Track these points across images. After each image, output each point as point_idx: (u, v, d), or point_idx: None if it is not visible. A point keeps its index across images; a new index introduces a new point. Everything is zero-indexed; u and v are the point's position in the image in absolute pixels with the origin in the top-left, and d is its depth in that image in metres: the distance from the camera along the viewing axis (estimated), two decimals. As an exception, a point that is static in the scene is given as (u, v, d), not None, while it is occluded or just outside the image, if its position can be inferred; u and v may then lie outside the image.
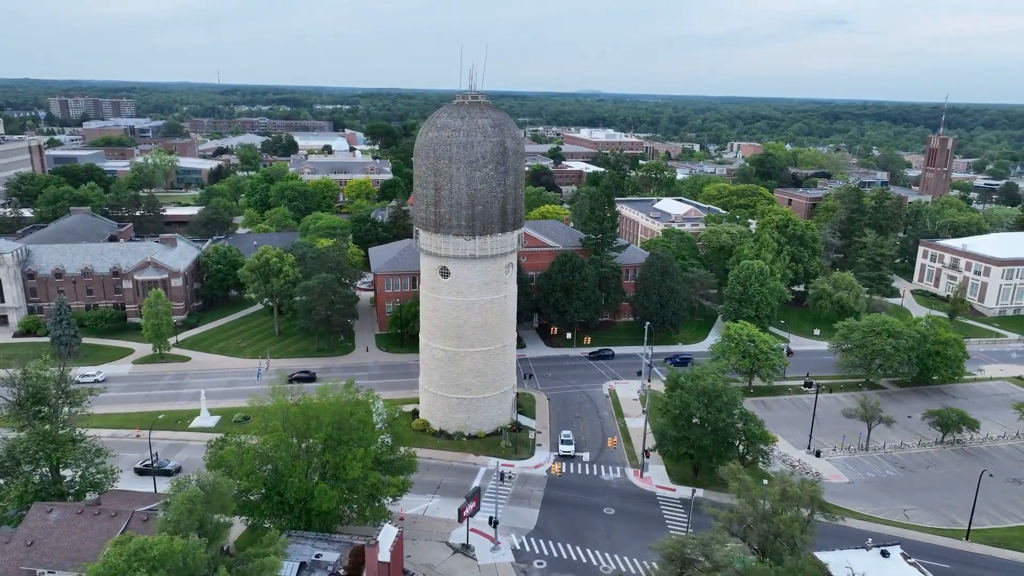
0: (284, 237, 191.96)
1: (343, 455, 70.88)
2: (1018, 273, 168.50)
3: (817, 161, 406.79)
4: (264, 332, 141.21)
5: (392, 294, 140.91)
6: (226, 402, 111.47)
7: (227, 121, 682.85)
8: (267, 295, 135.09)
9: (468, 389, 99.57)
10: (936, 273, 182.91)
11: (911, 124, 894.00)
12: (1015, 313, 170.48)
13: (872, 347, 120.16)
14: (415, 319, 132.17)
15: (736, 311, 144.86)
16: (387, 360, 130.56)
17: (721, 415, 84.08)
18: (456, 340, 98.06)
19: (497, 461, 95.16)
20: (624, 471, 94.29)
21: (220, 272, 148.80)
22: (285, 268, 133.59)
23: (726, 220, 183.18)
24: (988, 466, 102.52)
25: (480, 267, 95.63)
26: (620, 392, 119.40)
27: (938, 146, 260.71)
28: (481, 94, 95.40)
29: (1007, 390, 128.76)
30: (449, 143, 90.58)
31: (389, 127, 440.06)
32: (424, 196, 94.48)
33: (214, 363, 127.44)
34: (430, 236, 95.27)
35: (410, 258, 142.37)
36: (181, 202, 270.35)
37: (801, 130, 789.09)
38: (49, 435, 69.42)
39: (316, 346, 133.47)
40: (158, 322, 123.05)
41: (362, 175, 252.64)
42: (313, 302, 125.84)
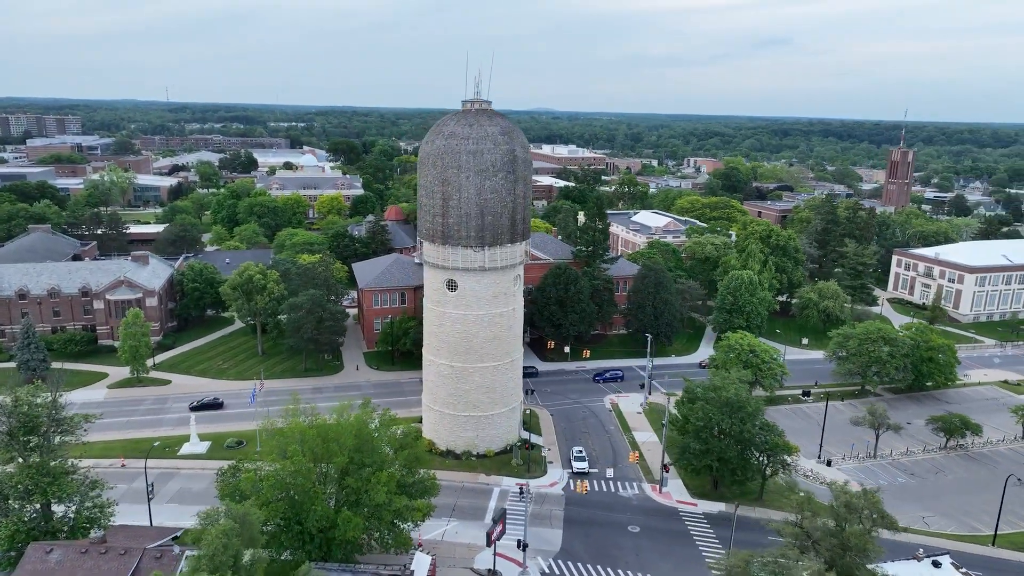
0: (257, 254, 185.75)
1: (366, 479, 66.74)
2: (990, 280, 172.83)
3: (776, 175, 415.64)
4: (247, 352, 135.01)
5: (381, 310, 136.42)
6: (215, 427, 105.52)
7: (179, 139, 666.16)
8: (251, 313, 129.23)
9: (477, 406, 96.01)
10: (911, 281, 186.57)
11: (856, 140, 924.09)
12: (988, 319, 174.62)
13: (869, 354, 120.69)
14: (406, 336, 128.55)
15: (727, 321, 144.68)
16: (379, 378, 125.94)
17: (746, 426, 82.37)
18: (464, 355, 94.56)
19: (511, 480, 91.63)
20: (641, 486, 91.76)
21: (197, 290, 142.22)
22: (269, 285, 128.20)
23: (708, 232, 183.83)
24: (992, 470, 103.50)
25: (489, 279, 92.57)
26: (623, 406, 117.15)
27: (899, 159, 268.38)
28: (487, 102, 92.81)
29: (996, 394, 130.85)
30: (458, 151, 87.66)
31: (352, 143, 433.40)
32: (430, 206, 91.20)
33: (196, 386, 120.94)
34: (436, 248, 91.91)
35: (398, 273, 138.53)
36: (141, 220, 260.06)
37: (753, 146, 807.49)
38: (43, 467, 63.52)
39: (303, 366, 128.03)
40: (136, 344, 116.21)
41: (333, 191, 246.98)
42: (301, 319, 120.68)
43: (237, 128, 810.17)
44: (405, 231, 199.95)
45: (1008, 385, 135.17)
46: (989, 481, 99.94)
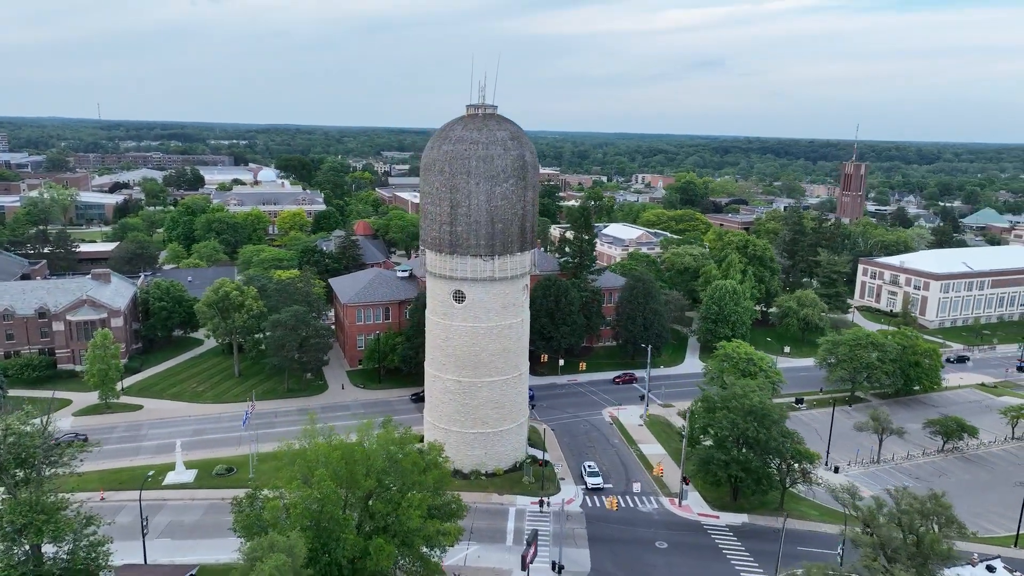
0: (220, 272, 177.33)
1: (395, 503, 62.14)
2: (953, 287, 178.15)
3: (726, 190, 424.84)
4: (222, 374, 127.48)
5: (364, 327, 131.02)
6: (198, 453, 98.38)
7: (115, 156, 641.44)
8: (228, 332, 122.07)
9: (486, 422, 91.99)
10: (877, 289, 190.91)
11: (793, 157, 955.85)
12: (952, 325, 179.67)
13: (860, 360, 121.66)
14: (394, 352, 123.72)
15: (712, 331, 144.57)
16: (367, 397, 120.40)
17: (772, 433, 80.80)
18: (472, 370, 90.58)
19: (526, 499, 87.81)
20: (659, 500, 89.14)
21: (164, 310, 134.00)
22: (248, 302, 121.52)
23: (684, 243, 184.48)
24: (991, 471, 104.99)
25: (498, 289, 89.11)
26: (623, 418, 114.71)
27: (852, 172, 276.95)
28: (493, 106, 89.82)
29: (977, 396, 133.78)
30: (467, 157, 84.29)
31: (304, 160, 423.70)
32: (436, 215, 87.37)
33: (172, 411, 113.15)
34: (443, 258, 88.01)
35: (381, 288, 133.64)
36: (86, 238, 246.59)
37: (697, 163, 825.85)
38: (36, 503, 56.79)
39: (286, 386, 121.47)
40: (105, 367, 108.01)
41: (294, 206, 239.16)
42: (285, 337, 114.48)
43: (177, 146, 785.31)
44: (375, 246, 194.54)
45: (986, 388, 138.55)
46: (991, 482, 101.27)
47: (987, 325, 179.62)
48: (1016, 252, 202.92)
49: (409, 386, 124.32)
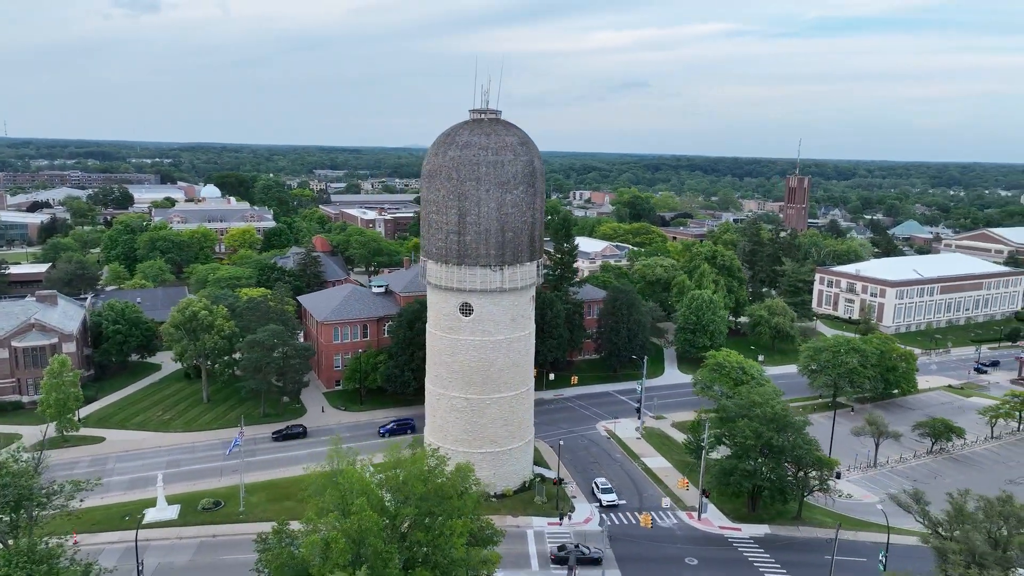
0: (170, 292, 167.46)
1: (437, 531, 57.35)
2: (907, 294, 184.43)
3: (668, 205, 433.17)
4: (189, 400, 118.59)
5: (341, 345, 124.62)
6: (178, 487, 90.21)
7: (28, 175, 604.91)
8: (198, 355, 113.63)
9: (495, 441, 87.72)
10: (834, 297, 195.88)
11: (719, 174, 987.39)
12: (907, 330, 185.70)
13: (843, 366, 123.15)
14: (375, 371, 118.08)
15: (690, 341, 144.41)
16: (352, 420, 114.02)
17: (796, 441, 79.67)
18: (480, 386, 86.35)
19: (541, 520, 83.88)
20: (677, 515, 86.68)
21: (119, 333, 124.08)
22: (218, 322, 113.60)
23: (651, 254, 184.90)
24: (980, 471, 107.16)
25: (507, 301, 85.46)
26: (619, 432, 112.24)
27: (796, 185, 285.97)
28: (497, 111, 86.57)
29: (947, 398, 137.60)
30: (476, 162, 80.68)
31: (241, 177, 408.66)
32: (442, 224, 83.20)
33: (139, 442, 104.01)
34: (449, 269, 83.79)
35: (357, 305, 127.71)
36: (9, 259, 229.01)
37: (630, 179, 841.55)
38: (33, 551, 49.61)
39: (262, 411, 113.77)
40: (63, 396, 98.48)
41: (242, 223, 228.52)
42: (263, 358, 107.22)
43: (96, 164, 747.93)
44: (335, 263, 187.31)
45: (953, 389, 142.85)
46: (983, 482, 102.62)
47: (939, 330, 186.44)
48: (958, 260, 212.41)
49: (393, 407, 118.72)
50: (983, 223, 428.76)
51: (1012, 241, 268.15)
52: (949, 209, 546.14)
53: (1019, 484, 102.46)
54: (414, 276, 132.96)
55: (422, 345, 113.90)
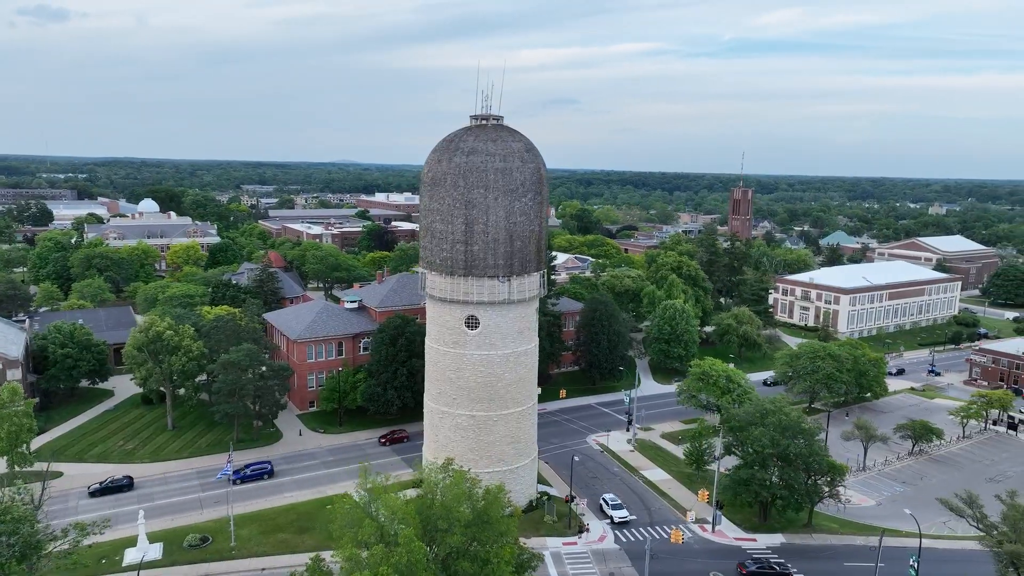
0: (113, 313, 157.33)
1: (483, 559, 53.57)
2: (860, 300, 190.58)
3: (610, 218, 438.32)
4: (152, 427, 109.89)
5: (316, 364, 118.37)
6: (156, 523, 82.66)
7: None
8: (164, 378, 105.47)
9: (502, 459, 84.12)
10: (790, 305, 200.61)
11: (650, 188, 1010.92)
12: (860, 336, 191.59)
13: (821, 372, 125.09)
14: (354, 391, 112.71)
15: (665, 352, 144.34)
16: (333, 443, 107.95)
17: (813, 448, 79.33)
18: (487, 402, 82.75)
19: (556, 541, 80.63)
20: (689, 527, 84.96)
21: (68, 358, 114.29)
22: (185, 343, 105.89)
23: (614, 265, 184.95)
24: (960, 470, 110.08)
25: (515, 313, 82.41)
26: (611, 445, 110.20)
27: (740, 197, 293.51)
28: (499, 116, 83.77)
29: (913, 400, 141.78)
30: (484, 169, 77.60)
31: (173, 191, 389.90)
32: (447, 233, 79.59)
33: (101, 475, 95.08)
34: (455, 280, 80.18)
35: (331, 321, 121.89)
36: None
37: (564, 194, 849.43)
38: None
39: (234, 437, 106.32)
40: (15, 428, 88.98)
41: (185, 239, 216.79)
42: (238, 380, 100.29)
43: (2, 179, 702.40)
44: (291, 278, 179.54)
45: (916, 391, 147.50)
46: (966, 481, 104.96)
47: (889, 334, 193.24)
48: (900, 268, 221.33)
49: (374, 427, 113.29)
50: (903, 233, 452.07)
51: (940, 249, 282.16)
52: (869, 220, 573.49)
53: (999, 482, 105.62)
54: (389, 290, 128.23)
55: (405, 361, 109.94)
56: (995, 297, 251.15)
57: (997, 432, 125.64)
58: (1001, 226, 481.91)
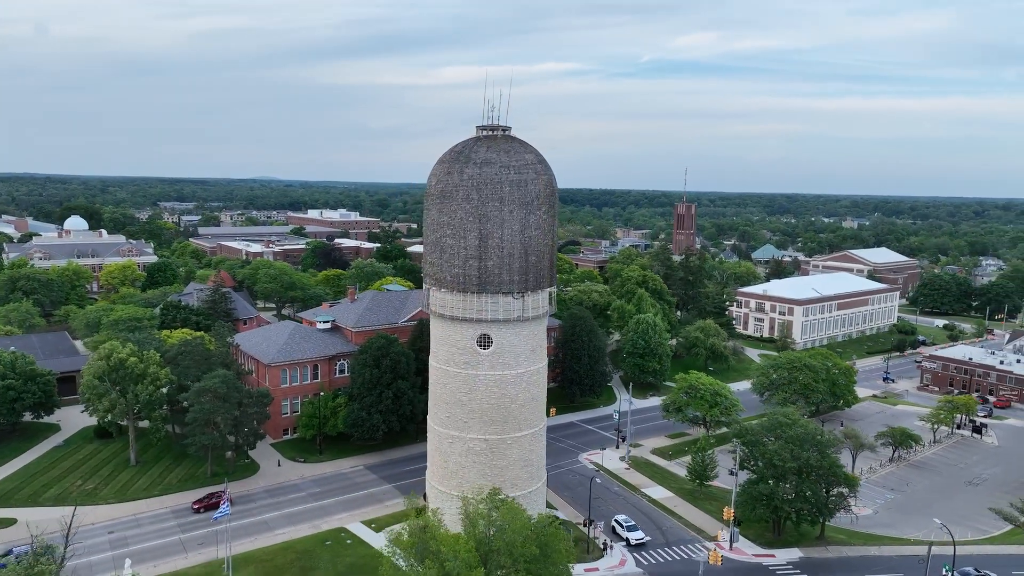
0: (48, 339, 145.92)
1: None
2: (812, 311, 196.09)
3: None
4: (112, 463, 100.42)
5: (290, 389, 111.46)
6: (140, 570, 74.67)
7: None
8: (128, 410, 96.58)
9: (515, 485, 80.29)
10: (744, 317, 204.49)
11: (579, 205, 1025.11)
12: (813, 345, 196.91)
13: (799, 381, 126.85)
14: (335, 416, 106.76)
15: (640, 366, 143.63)
16: (316, 473, 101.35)
17: (829, 459, 79.12)
18: (501, 425, 79.00)
19: (579, 568, 77.18)
20: (706, 546, 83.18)
21: (11, 390, 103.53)
22: (151, 370, 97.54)
23: (576, 280, 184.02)
24: (940, 475, 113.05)
25: (528, 330, 79.23)
26: (606, 463, 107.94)
27: (684, 212, 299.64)
28: (507, 127, 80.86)
29: (878, 408, 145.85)
30: (499, 181, 74.43)
31: (92, 208, 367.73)
32: (459, 248, 75.83)
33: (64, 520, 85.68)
34: (467, 298, 76.40)
35: (304, 344, 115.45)
36: None
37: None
38: None
39: (208, 471, 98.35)
40: (-36, 471, 79.46)
41: (119, 258, 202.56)
42: (216, 409, 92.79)
43: None
44: (243, 298, 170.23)
45: (879, 399, 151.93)
46: (947, 485, 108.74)
47: (839, 344, 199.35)
48: (845, 279, 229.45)
49: (357, 454, 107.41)
50: (826, 246, 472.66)
51: (870, 261, 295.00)
52: (791, 234, 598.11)
53: (977, 485, 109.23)
54: (364, 309, 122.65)
55: (390, 384, 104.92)
56: (923, 306, 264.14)
57: (963, 436, 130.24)
58: (911, 239, 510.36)
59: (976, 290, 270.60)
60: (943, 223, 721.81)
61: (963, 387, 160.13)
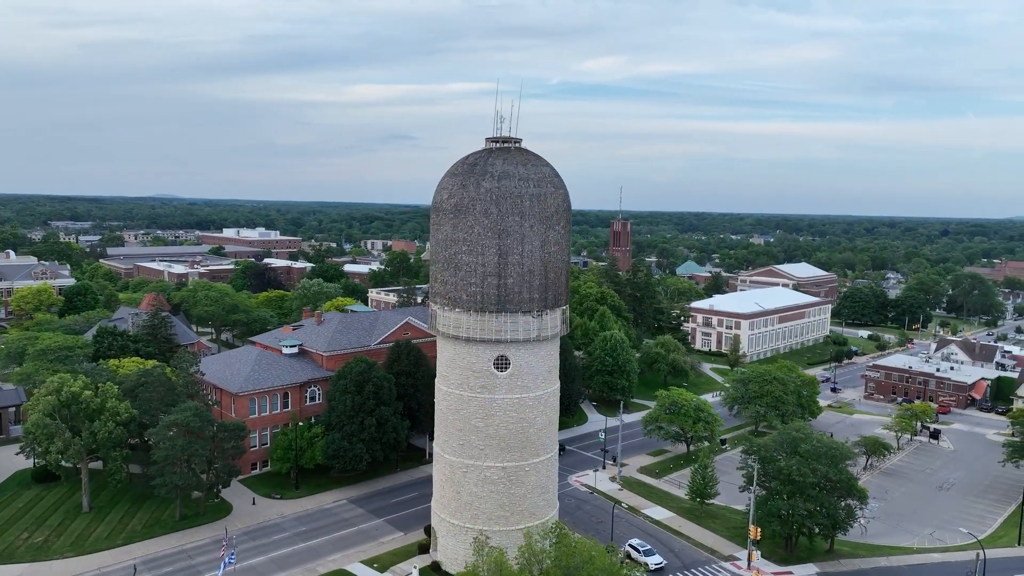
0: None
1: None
2: (757, 324, 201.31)
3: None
4: (61, 511, 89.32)
5: (260, 420, 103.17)
6: (119, 635, 65.91)
7: None
8: (84, 451, 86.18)
9: (533, 514, 76.31)
10: (693, 332, 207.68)
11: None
12: (759, 358, 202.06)
13: (772, 394, 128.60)
14: (311, 447, 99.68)
15: (609, 383, 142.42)
16: (297, 510, 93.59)
17: (844, 473, 79.27)
18: (519, 451, 74.95)
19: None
20: (723, 566, 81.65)
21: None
22: (110, 404, 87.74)
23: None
24: (912, 482, 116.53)
25: (545, 351, 75.90)
26: (598, 485, 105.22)
27: (620, 229, 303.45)
28: (518, 139, 77.61)
29: (837, 417, 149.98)
30: (519, 195, 71.04)
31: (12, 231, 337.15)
32: (476, 266, 71.74)
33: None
34: (484, 318, 72.26)
35: (272, 370, 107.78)
36: None
37: (415, 229, 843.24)
38: None
39: (177, 514, 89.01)
40: None
41: (33, 281, 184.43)
42: (189, 446, 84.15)
43: None
44: (180, 322, 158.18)
45: (834, 408, 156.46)
46: (923, 492, 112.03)
47: (782, 356, 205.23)
48: (781, 293, 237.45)
49: (336, 487, 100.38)
50: (744, 262, 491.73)
51: (794, 275, 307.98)
52: (706, 250, 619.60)
53: (947, 490, 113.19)
54: (334, 332, 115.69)
55: (373, 411, 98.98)
56: (847, 318, 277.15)
57: (921, 442, 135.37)
58: (817, 254, 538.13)
59: (891, 302, 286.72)
60: (840, 239, 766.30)
61: (905, 395, 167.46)
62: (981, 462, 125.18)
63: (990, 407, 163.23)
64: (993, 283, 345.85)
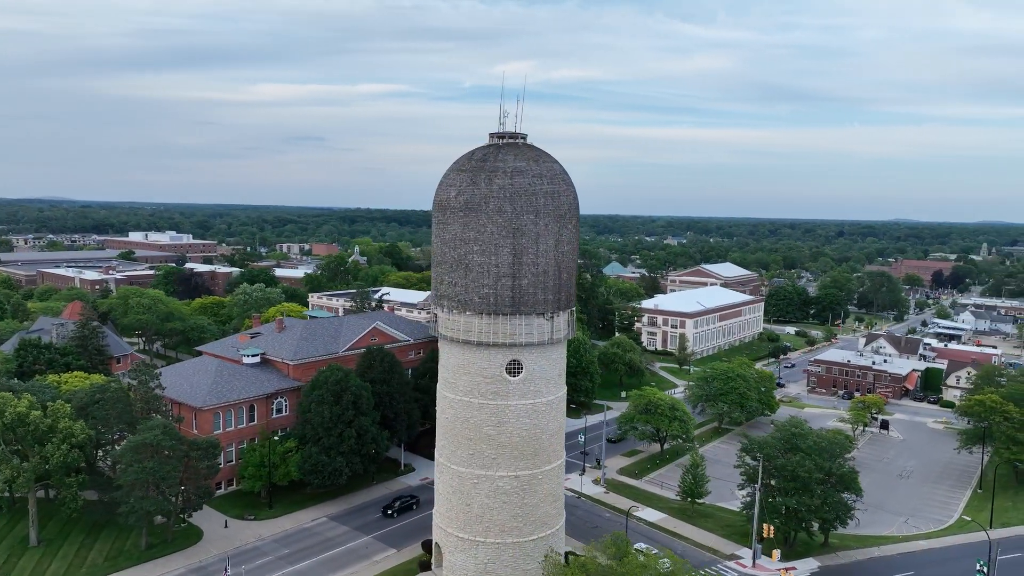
0: None
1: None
2: (700, 323, 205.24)
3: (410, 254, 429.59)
4: (5, 547, 79.25)
5: (225, 435, 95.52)
6: None
7: None
8: (33, 478, 76.74)
9: (545, 523, 73.28)
10: (638, 331, 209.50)
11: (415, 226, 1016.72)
12: (704, 356, 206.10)
13: (736, 391, 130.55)
14: (285, 463, 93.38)
15: (574, 385, 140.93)
16: (275, 531, 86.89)
17: (847, 467, 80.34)
18: (531, 459, 71.77)
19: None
20: (727, 565, 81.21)
21: None
22: (62, 425, 78.68)
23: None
24: (873, 472, 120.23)
25: (556, 354, 73.15)
26: (583, 488, 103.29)
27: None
28: (523, 135, 74.54)
29: (793, 411, 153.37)
30: (534, 192, 68.04)
31: None
32: (489, 267, 68.15)
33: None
34: (496, 321, 68.78)
35: (235, 382, 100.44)
36: None
37: (330, 232, 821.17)
38: None
39: (143, 542, 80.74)
40: None
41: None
42: (159, 468, 76.44)
43: None
44: (110, 332, 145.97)
45: (785, 403, 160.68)
46: (885, 481, 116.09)
47: (724, 353, 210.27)
48: (718, 292, 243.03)
49: (313, 504, 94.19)
50: (664, 263, 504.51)
51: (721, 275, 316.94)
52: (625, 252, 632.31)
53: (906, 478, 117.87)
54: (299, 339, 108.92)
55: (351, 421, 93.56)
56: (773, 315, 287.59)
57: (873, 433, 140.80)
58: (731, 254, 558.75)
59: (813, 299, 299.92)
60: (748, 240, 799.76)
61: (845, 387, 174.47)
62: (929, 450, 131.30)
63: (922, 397, 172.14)
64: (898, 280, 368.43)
